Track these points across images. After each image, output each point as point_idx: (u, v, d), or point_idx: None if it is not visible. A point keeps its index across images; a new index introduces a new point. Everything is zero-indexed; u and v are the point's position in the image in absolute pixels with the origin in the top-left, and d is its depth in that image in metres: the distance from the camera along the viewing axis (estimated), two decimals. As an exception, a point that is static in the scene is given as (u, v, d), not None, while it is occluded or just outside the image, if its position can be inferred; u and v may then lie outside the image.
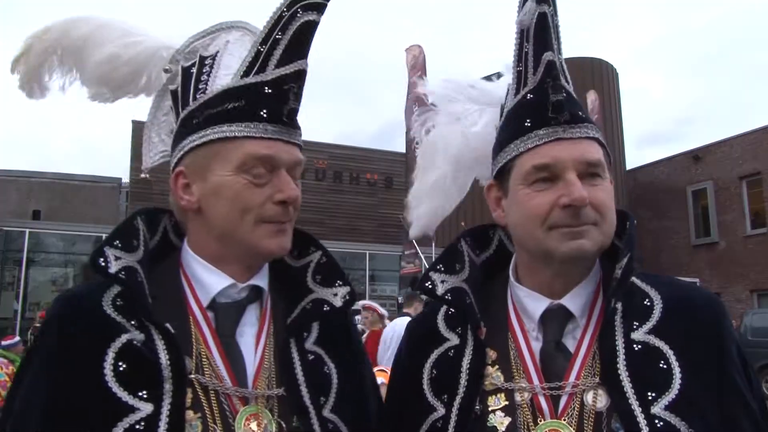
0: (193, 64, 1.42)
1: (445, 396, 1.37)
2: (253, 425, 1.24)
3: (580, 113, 1.35)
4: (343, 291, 1.42)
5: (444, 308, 1.51)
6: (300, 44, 1.33)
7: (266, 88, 1.31)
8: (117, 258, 1.27)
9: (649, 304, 1.35)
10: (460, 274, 1.48)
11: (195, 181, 1.33)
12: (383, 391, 1.59)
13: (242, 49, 1.39)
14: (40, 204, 27.71)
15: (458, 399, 1.35)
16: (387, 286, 25.19)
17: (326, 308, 1.39)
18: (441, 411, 1.36)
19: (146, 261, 1.32)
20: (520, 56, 1.41)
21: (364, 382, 1.50)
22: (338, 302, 1.40)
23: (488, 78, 1.68)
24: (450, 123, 1.67)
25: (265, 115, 1.30)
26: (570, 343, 1.35)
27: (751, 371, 1.33)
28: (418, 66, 17.93)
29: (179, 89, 1.43)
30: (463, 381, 1.36)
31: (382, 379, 4.38)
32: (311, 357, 1.37)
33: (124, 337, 1.21)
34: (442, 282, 1.45)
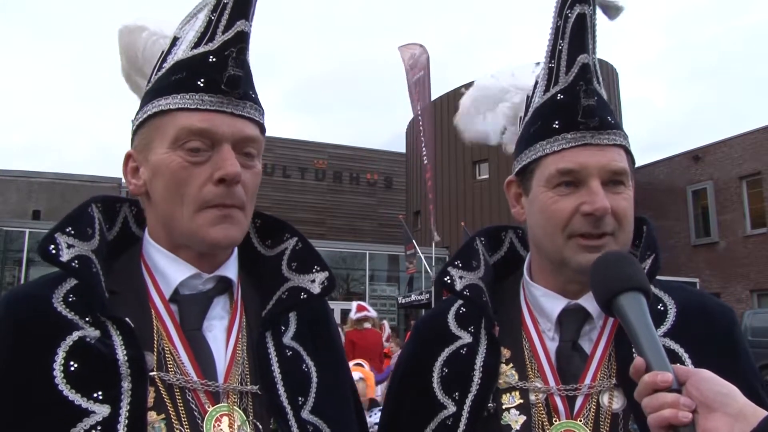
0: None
1: (457, 394, 1.35)
2: (224, 426, 1.13)
3: (610, 119, 1.34)
4: (321, 276, 1.30)
5: (455, 307, 1.49)
6: (242, 5, 1.21)
7: (211, 57, 1.20)
8: (69, 246, 1.15)
9: (663, 308, 1.35)
10: (477, 271, 1.46)
11: (142, 162, 1.22)
12: (361, 387, 1.57)
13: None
14: (40, 204, 27.74)
15: (471, 396, 1.33)
16: (387, 286, 25.19)
17: (303, 296, 1.28)
18: (451, 408, 1.34)
19: (103, 252, 1.21)
20: (553, 53, 1.38)
21: (345, 380, 1.41)
22: (316, 288, 1.28)
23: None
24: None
25: (201, 85, 1.18)
26: (586, 345, 1.34)
27: (760, 375, 1.36)
28: (419, 66, 17.71)
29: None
30: (476, 378, 1.34)
31: (359, 374, 4.38)
32: (289, 353, 1.26)
33: (75, 335, 1.10)
34: (461, 278, 1.43)
